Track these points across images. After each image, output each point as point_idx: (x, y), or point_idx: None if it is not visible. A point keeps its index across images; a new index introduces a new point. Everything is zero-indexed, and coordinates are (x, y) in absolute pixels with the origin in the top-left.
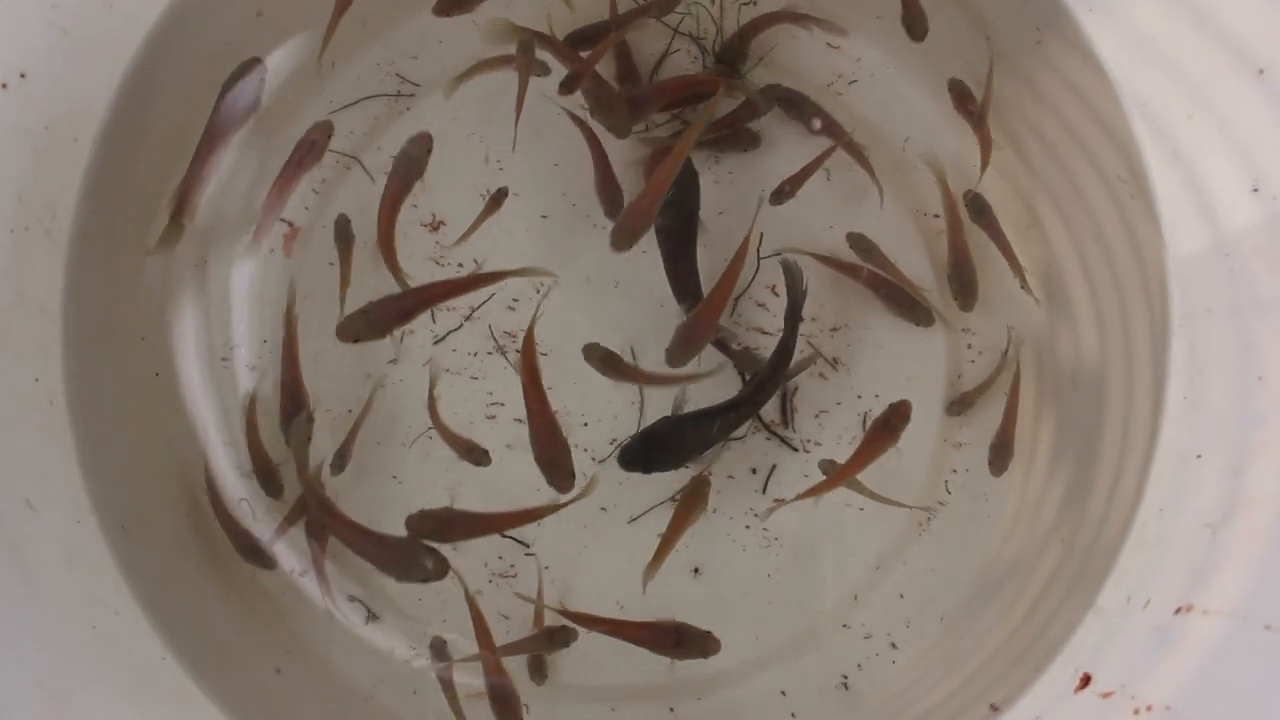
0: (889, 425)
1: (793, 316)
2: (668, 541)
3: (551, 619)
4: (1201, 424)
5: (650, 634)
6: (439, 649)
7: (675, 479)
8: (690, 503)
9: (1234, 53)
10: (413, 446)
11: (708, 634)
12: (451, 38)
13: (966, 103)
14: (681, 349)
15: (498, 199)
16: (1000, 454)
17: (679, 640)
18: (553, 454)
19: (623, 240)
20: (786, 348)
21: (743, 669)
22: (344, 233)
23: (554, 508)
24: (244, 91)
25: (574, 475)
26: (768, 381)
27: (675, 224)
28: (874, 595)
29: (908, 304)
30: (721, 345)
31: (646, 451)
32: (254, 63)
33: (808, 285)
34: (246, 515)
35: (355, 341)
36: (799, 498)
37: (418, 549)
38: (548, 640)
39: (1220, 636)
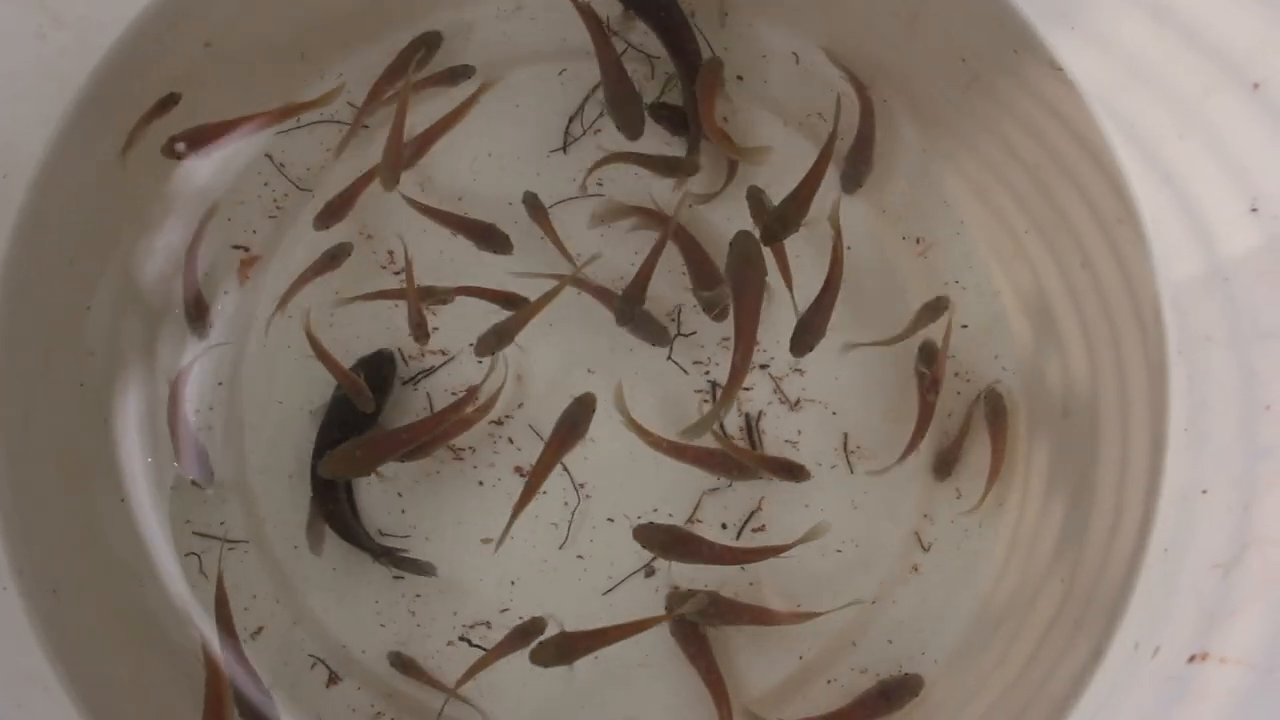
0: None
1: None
2: None
3: None
4: (1206, 458)
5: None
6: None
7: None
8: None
9: (1227, 67)
10: None
11: (906, 676)
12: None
13: (929, 365)
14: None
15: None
16: (942, 464)
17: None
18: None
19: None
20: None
21: None
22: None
23: None
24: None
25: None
26: None
27: None
28: (862, 640)
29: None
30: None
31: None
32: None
33: None
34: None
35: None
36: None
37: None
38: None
39: (1241, 688)
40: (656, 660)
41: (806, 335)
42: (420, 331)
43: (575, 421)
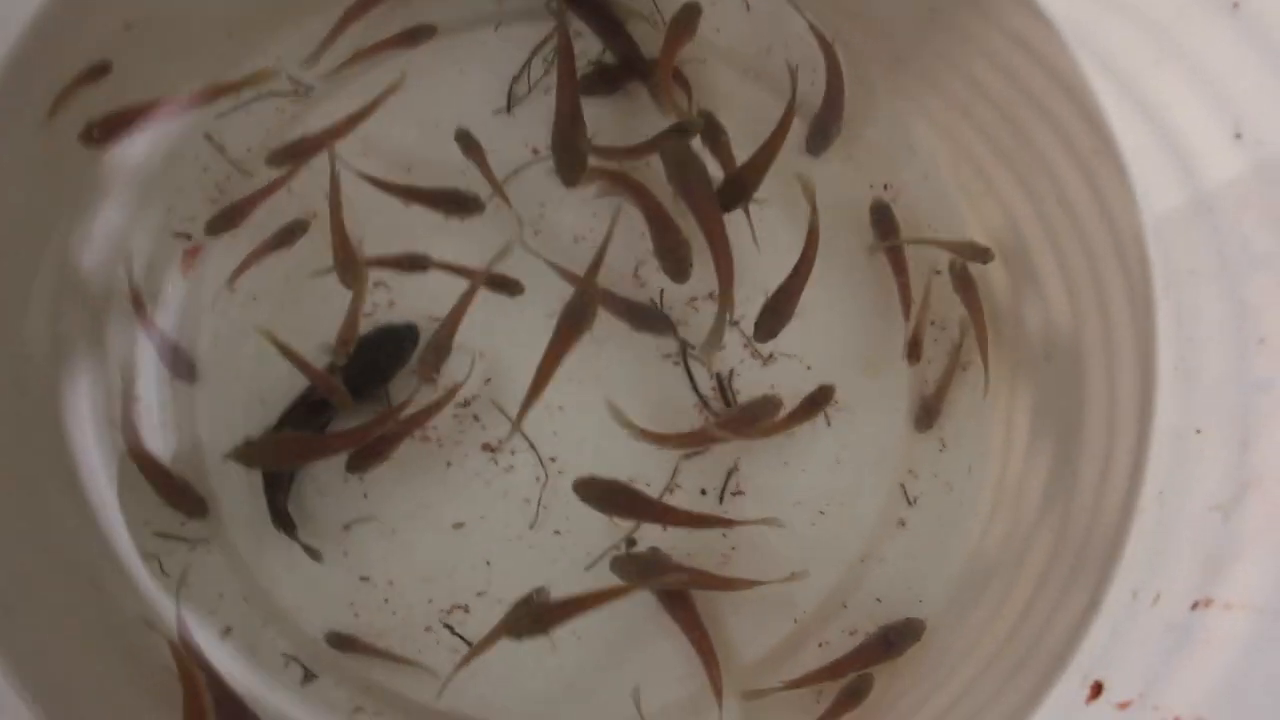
0: None
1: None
2: None
3: None
4: (1197, 396)
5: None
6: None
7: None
8: None
9: None
10: None
11: (908, 620)
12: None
13: (887, 230)
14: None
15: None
16: (925, 414)
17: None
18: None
19: None
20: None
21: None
22: None
23: None
24: None
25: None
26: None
27: None
28: (852, 600)
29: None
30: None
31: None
32: None
33: None
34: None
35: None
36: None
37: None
38: None
39: (1248, 634)
40: (643, 628)
41: (772, 320)
42: (344, 349)
43: (578, 316)
